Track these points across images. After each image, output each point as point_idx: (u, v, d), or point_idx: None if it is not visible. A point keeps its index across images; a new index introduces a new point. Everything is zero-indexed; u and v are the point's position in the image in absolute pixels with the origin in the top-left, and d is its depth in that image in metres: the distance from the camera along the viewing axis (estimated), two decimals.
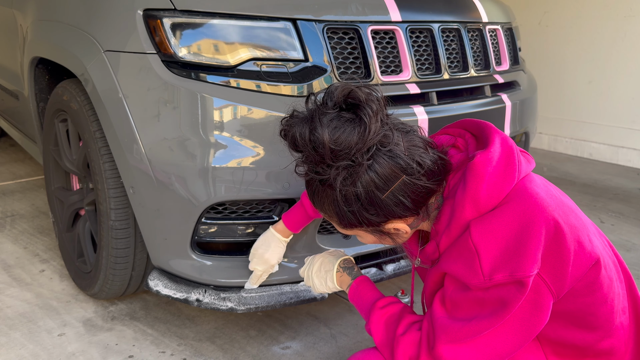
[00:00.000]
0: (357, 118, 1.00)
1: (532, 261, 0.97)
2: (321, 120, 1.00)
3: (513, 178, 1.03)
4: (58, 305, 1.99)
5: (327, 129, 0.99)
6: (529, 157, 1.12)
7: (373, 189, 1.02)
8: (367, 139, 0.99)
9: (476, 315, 1.01)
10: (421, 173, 1.04)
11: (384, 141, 1.01)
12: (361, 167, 1.00)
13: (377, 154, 1.01)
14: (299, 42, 1.53)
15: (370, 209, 1.05)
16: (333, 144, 0.99)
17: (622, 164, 4.18)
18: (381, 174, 1.01)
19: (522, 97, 2.09)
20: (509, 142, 1.08)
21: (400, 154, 1.02)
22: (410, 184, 1.03)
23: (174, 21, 1.48)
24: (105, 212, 1.69)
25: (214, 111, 1.46)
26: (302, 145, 1.03)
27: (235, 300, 1.60)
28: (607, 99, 4.24)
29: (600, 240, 1.10)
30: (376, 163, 1.01)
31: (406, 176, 1.02)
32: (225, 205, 1.56)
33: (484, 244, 1.00)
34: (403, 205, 1.05)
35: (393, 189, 1.03)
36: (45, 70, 2.18)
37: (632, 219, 2.98)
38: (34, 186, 3.30)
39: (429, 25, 1.76)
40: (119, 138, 1.58)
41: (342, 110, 1.02)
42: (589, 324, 1.06)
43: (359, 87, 1.02)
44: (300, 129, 1.02)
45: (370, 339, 1.82)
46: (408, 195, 1.04)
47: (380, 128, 1.00)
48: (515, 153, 1.05)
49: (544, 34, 4.56)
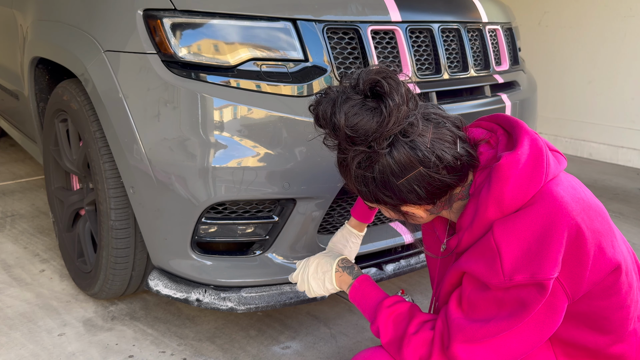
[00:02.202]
0: (379, 108, 1.01)
1: (554, 264, 0.97)
2: (343, 104, 1.02)
3: (540, 181, 1.02)
4: (58, 305, 1.99)
5: (345, 114, 1.01)
6: (560, 157, 1.11)
7: (388, 174, 1.04)
8: (386, 129, 1.00)
9: (494, 316, 1.01)
10: (440, 167, 1.03)
11: (409, 130, 1.02)
12: (378, 154, 1.02)
13: (397, 142, 1.02)
14: (299, 42, 1.53)
15: (385, 191, 1.06)
16: (349, 130, 1.01)
17: (621, 164, 4.18)
18: (398, 161, 1.02)
19: (522, 97, 2.09)
20: (539, 143, 1.07)
21: (421, 146, 1.02)
22: (427, 176, 1.03)
23: (174, 21, 1.48)
24: (105, 212, 1.70)
25: (214, 111, 1.46)
26: (323, 124, 1.06)
27: (235, 300, 1.60)
28: (607, 99, 4.24)
29: (625, 246, 1.09)
30: (395, 150, 1.02)
31: (423, 168, 1.02)
32: (225, 205, 1.56)
33: (506, 244, 1.00)
34: (416, 194, 1.05)
35: (408, 177, 1.03)
36: (45, 70, 2.18)
37: (631, 218, 2.98)
38: (34, 186, 3.30)
39: (428, 26, 1.76)
40: (119, 138, 1.58)
41: (366, 98, 1.03)
42: (602, 327, 1.06)
43: (387, 77, 1.02)
44: (324, 108, 1.04)
45: (370, 339, 1.82)
46: (423, 186, 1.05)
47: (403, 119, 1.01)
48: (544, 156, 1.04)
49: (543, 34, 4.56)
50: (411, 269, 1.83)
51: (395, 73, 1.04)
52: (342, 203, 1.68)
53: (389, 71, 1.04)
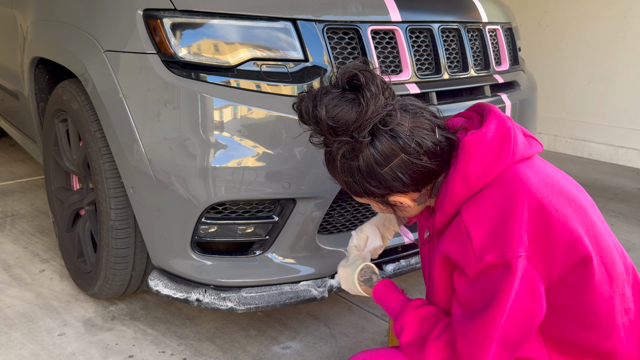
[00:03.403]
0: (357, 98, 1.07)
1: (518, 241, 0.99)
2: (323, 98, 1.08)
3: (506, 159, 1.05)
4: (58, 305, 1.99)
5: (325, 107, 1.07)
6: (534, 141, 1.13)
7: (372, 163, 1.08)
8: (365, 117, 1.06)
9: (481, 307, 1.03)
10: (420, 153, 1.08)
11: (388, 120, 1.07)
12: (361, 143, 1.07)
13: (378, 131, 1.07)
14: (299, 42, 1.53)
15: (371, 181, 1.11)
16: (331, 121, 1.07)
17: (621, 164, 4.18)
18: (381, 150, 1.07)
19: (522, 97, 2.09)
20: (508, 124, 1.09)
21: (401, 134, 1.07)
22: (409, 162, 1.08)
23: (174, 21, 1.48)
24: (105, 212, 1.70)
25: (214, 111, 1.46)
26: (306, 119, 1.11)
27: (235, 300, 1.60)
28: (606, 99, 4.24)
29: (610, 240, 1.10)
30: (377, 140, 1.07)
31: (405, 155, 1.07)
32: (225, 205, 1.56)
33: (473, 225, 1.03)
34: (401, 181, 1.10)
35: (392, 165, 1.08)
36: (45, 70, 2.18)
37: (631, 218, 2.98)
38: (34, 186, 3.30)
39: (428, 26, 1.76)
40: (119, 138, 1.58)
41: (345, 91, 1.09)
42: (589, 323, 1.06)
43: (363, 70, 1.08)
44: (306, 104, 1.11)
45: (369, 339, 1.83)
46: (407, 173, 1.09)
47: (381, 108, 1.06)
48: (512, 135, 1.07)
49: (543, 34, 4.57)
50: (411, 269, 1.83)
51: (371, 68, 1.11)
52: (342, 203, 1.68)
53: (364, 66, 1.10)
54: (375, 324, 1.91)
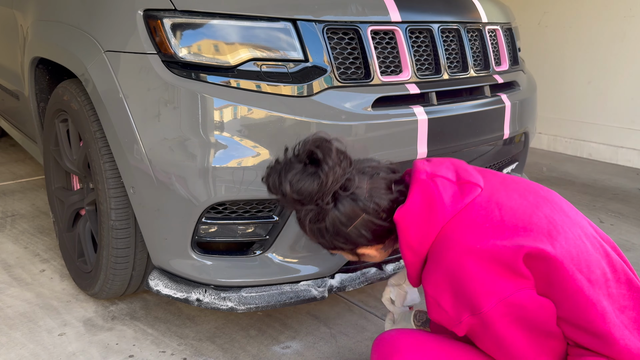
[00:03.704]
0: (317, 172, 1.17)
1: (482, 297, 1.07)
2: (287, 174, 1.19)
3: (437, 224, 1.15)
4: (58, 305, 1.99)
5: (289, 182, 1.18)
6: (469, 187, 1.19)
7: (338, 224, 1.20)
8: (326, 188, 1.17)
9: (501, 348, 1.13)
10: (379, 211, 1.20)
11: (348, 185, 1.19)
12: (325, 209, 1.19)
13: (339, 196, 1.19)
14: (299, 43, 1.53)
15: (338, 239, 1.23)
16: (295, 195, 1.18)
17: (621, 164, 4.18)
18: (344, 212, 1.19)
19: (522, 97, 2.09)
20: (431, 188, 1.17)
21: (360, 196, 1.19)
22: (370, 222, 1.20)
23: (174, 21, 1.49)
24: (105, 212, 1.70)
25: (214, 111, 1.46)
26: (274, 192, 1.23)
27: (236, 300, 1.61)
28: (606, 99, 4.25)
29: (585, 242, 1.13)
30: (339, 204, 1.19)
31: (366, 214, 1.19)
32: (225, 205, 1.57)
33: (438, 295, 1.13)
34: (365, 237, 1.22)
35: (355, 224, 1.20)
36: (45, 70, 2.19)
37: (631, 218, 2.98)
38: (34, 186, 3.30)
39: (428, 26, 1.77)
40: (119, 138, 1.58)
41: (306, 165, 1.20)
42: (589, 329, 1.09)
43: (320, 146, 1.19)
44: (273, 179, 1.22)
45: (369, 339, 1.83)
46: (369, 230, 1.21)
47: (340, 177, 1.18)
48: (437, 199, 1.15)
49: (543, 34, 4.57)
50: None
51: (330, 140, 1.21)
52: None
53: (324, 139, 1.21)
54: (375, 323, 1.92)
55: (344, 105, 1.55)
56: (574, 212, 1.21)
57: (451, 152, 1.80)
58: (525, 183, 1.25)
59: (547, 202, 1.18)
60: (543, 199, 1.18)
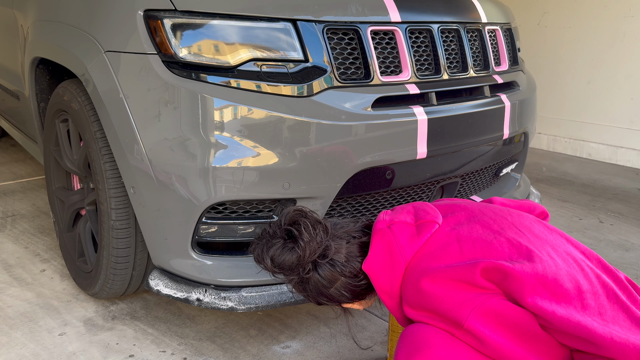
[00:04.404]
0: (295, 247, 1.31)
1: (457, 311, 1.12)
2: (269, 250, 1.34)
3: (401, 266, 1.24)
4: (59, 305, 1.99)
5: (271, 258, 1.33)
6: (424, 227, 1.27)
7: (320, 287, 1.33)
8: (304, 260, 1.30)
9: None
10: (355, 274, 1.31)
11: (326, 253, 1.30)
12: (307, 277, 1.31)
13: (319, 264, 1.31)
14: (299, 43, 1.54)
15: (322, 298, 1.35)
16: (277, 268, 1.34)
17: (621, 164, 4.19)
18: (324, 277, 1.31)
19: (521, 98, 2.09)
20: (389, 236, 1.27)
21: (337, 262, 1.30)
22: (348, 283, 1.32)
23: (174, 22, 1.49)
24: (106, 211, 1.70)
25: (214, 111, 1.47)
26: (259, 263, 1.38)
27: (236, 300, 1.61)
28: (606, 99, 4.25)
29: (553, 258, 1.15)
30: (320, 269, 1.31)
31: (344, 278, 1.31)
32: (225, 205, 1.57)
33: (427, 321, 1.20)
34: (346, 297, 1.34)
35: (335, 286, 1.32)
36: (46, 70, 2.19)
37: (631, 218, 2.99)
38: (34, 186, 3.30)
39: (428, 26, 1.77)
40: (119, 138, 1.58)
41: (286, 241, 1.33)
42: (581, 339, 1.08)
43: (296, 223, 1.33)
44: (257, 252, 1.37)
45: (369, 338, 1.83)
46: (348, 290, 1.33)
47: (317, 248, 1.30)
48: (396, 245, 1.25)
49: (543, 34, 4.57)
50: None
51: (306, 214, 1.36)
52: (342, 203, 1.69)
53: (300, 215, 1.36)
54: (375, 323, 1.92)
55: (344, 105, 1.56)
56: (546, 232, 1.25)
57: (451, 152, 1.81)
58: (494, 212, 1.31)
59: (513, 226, 1.24)
60: (509, 225, 1.24)
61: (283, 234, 1.35)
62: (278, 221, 1.39)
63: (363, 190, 1.67)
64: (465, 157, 1.90)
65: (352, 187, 1.63)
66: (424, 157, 1.71)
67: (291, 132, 1.49)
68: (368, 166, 1.61)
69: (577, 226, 2.85)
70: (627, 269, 2.37)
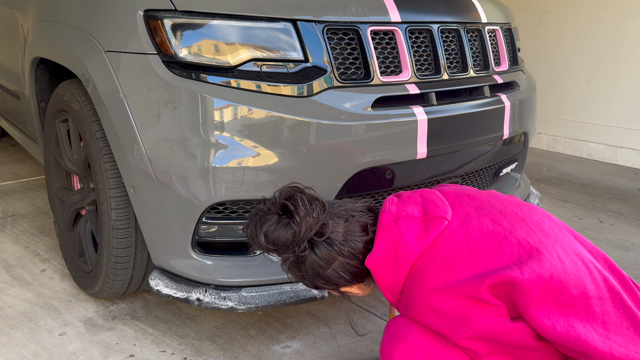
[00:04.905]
0: (290, 223, 1.24)
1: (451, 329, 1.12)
2: (262, 226, 1.26)
3: (406, 265, 1.20)
4: (59, 305, 1.99)
5: (264, 234, 1.25)
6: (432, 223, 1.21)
7: (316, 267, 1.26)
8: (300, 237, 1.23)
9: None
10: (355, 254, 1.25)
11: (323, 231, 1.24)
12: (302, 255, 1.25)
13: (316, 242, 1.24)
14: (299, 43, 1.54)
15: (319, 280, 1.28)
16: (271, 245, 1.26)
17: (621, 164, 4.19)
18: (321, 257, 1.24)
19: (521, 98, 2.09)
20: (395, 231, 1.21)
21: (335, 241, 1.24)
22: (347, 264, 1.26)
23: (174, 22, 1.49)
24: (106, 211, 1.70)
25: (214, 111, 1.47)
26: (252, 242, 1.29)
27: (236, 300, 1.61)
28: (606, 99, 4.25)
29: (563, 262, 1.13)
30: (316, 249, 1.24)
31: (342, 258, 1.25)
32: (225, 205, 1.57)
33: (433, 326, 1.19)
34: (344, 278, 1.28)
35: (333, 267, 1.25)
36: (46, 70, 2.19)
37: (631, 218, 2.99)
38: (35, 186, 3.30)
39: (428, 26, 1.77)
40: (119, 138, 1.58)
41: (280, 216, 1.26)
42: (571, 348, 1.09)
43: (292, 198, 1.25)
44: (250, 229, 1.29)
45: (369, 338, 1.83)
46: (347, 272, 1.27)
47: (313, 225, 1.23)
48: (402, 243, 1.20)
49: (543, 34, 4.57)
50: None
51: (302, 190, 1.29)
52: None
53: (296, 190, 1.28)
54: (375, 323, 1.92)
55: (344, 105, 1.56)
56: (555, 229, 1.20)
57: (451, 152, 1.81)
58: (503, 204, 1.25)
59: (523, 223, 1.19)
60: (519, 221, 1.19)
61: (278, 209, 1.28)
62: (273, 197, 1.31)
63: (363, 190, 1.67)
64: (465, 157, 1.90)
65: (352, 187, 1.63)
66: (424, 157, 1.71)
67: (291, 132, 1.49)
68: (368, 166, 1.61)
69: (577, 226, 2.85)
70: (627, 269, 2.37)
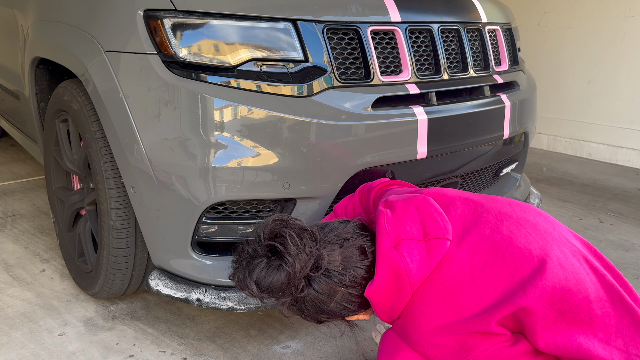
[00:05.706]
0: (282, 263, 1.13)
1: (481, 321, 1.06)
2: (251, 273, 1.16)
3: (407, 294, 1.13)
4: (59, 305, 1.99)
5: (256, 281, 1.15)
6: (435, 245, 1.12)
7: (318, 303, 1.16)
8: (295, 278, 1.13)
9: None
10: (357, 282, 1.16)
11: (319, 263, 1.14)
12: (301, 294, 1.14)
13: (313, 277, 1.14)
14: (299, 43, 1.54)
15: (322, 315, 1.19)
16: (265, 292, 1.15)
17: (621, 164, 4.18)
18: (321, 292, 1.14)
19: (522, 98, 2.09)
20: (397, 260, 1.11)
21: (334, 272, 1.14)
22: (350, 294, 1.16)
23: (174, 22, 1.49)
24: (106, 211, 1.70)
25: (214, 111, 1.47)
26: (243, 290, 1.20)
27: (236, 300, 1.61)
28: (606, 99, 4.25)
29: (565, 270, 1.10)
30: (314, 284, 1.14)
31: (344, 288, 1.15)
32: (225, 205, 1.57)
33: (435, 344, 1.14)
34: (349, 309, 1.19)
35: (335, 299, 1.16)
36: (46, 70, 2.19)
37: (631, 218, 2.99)
38: (34, 186, 3.30)
39: (428, 26, 1.77)
40: (119, 138, 1.58)
41: (269, 258, 1.16)
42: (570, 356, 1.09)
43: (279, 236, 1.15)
44: (239, 278, 1.19)
45: (369, 338, 1.83)
46: (351, 302, 1.18)
47: (307, 261, 1.12)
48: (405, 273, 1.11)
49: (543, 34, 4.57)
50: None
51: (288, 223, 1.17)
52: None
53: (281, 225, 1.16)
54: (375, 323, 1.92)
55: (344, 105, 1.56)
56: (549, 228, 1.16)
57: (451, 152, 1.81)
58: (496, 206, 1.19)
59: (520, 227, 1.13)
60: (516, 225, 1.14)
61: (265, 251, 1.17)
62: (257, 237, 1.20)
63: None
64: (465, 157, 1.90)
65: (352, 187, 1.63)
66: (424, 157, 1.71)
67: (291, 132, 1.49)
68: (368, 166, 1.61)
69: (577, 226, 2.85)
70: (627, 269, 2.37)
